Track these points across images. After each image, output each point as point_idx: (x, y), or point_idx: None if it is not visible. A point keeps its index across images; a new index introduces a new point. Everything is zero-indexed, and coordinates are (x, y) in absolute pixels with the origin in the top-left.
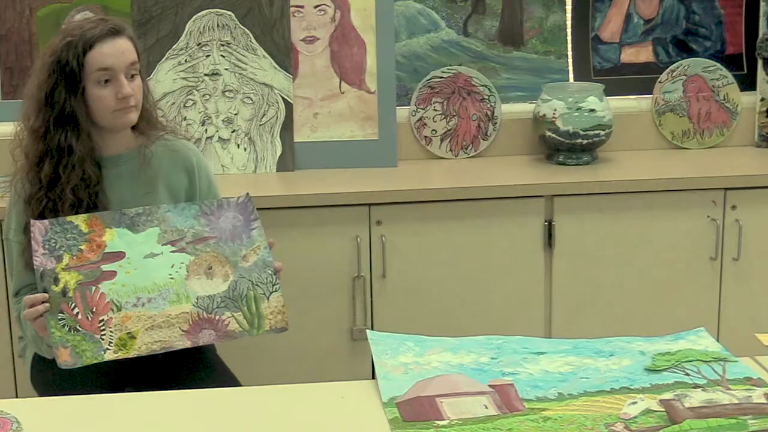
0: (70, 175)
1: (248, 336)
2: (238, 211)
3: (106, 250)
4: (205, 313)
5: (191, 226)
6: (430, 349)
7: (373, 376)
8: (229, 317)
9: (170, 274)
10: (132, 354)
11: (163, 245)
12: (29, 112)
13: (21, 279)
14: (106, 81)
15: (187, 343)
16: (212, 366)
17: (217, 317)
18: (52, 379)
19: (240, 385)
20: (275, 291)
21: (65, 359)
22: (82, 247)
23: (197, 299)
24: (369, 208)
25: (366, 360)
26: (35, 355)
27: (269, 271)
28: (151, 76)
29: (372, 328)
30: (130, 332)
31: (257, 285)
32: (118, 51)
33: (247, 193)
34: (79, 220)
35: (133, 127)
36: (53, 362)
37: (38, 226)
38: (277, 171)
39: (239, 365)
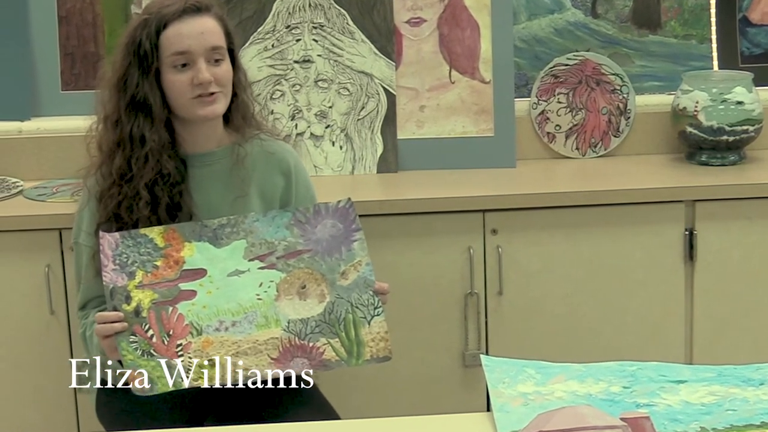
0: (143, 168)
1: (346, 366)
2: (338, 219)
3: (185, 267)
4: (297, 339)
5: (283, 238)
6: (554, 377)
7: (488, 408)
8: (325, 344)
9: (258, 294)
10: (213, 383)
11: (250, 261)
12: (105, 100)
13: (90, 289)
14: (184, 65)
15: (276, 373)
16: (307, 395)
17: (311, 344)
18: (121, 411)
19: (338, 418)
20: (377, 315)
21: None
22: (158, 263)
23: (288, 323)
24: (483, 214)
25: (480, 389)
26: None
27: (371, 292)
28: None
29: (487, 353)
30: (211, 359)
31: (357, 307)
32: (196, 31)
33: (349, 198)
34: (155, 233)
35: (227, 122)
36: (123, 392)
37: (108, 239)
38: (377, 172)
39: (336, 394)
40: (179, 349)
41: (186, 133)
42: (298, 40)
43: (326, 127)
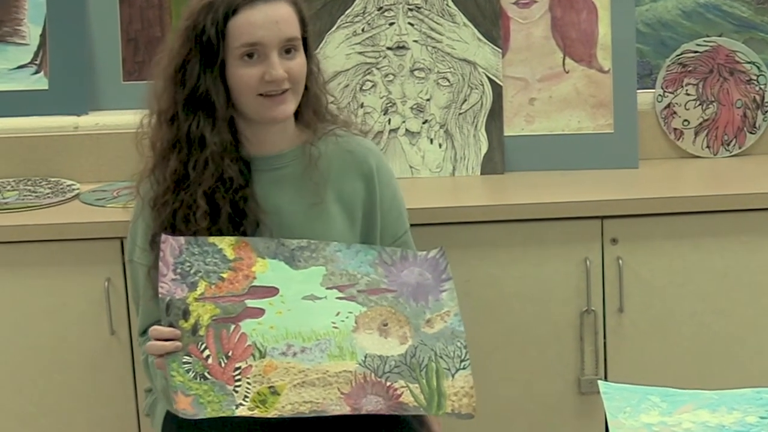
0: (202, 174)
1: (424, 413)
2: (427, 268)
3: (255, 283)
4: (373, 375)
5: (366, 273)
6: (682, 406)
7: None
8: (404, 387)
9: (333, 323)
10: (272, 413)
11: (327, 289)
12: (159, 92)
13: (150, 313)
14: (250, 55)
15: (345, 409)
16: (401, 427)
17: (388, 383)
18: None
19: None
20: (463, 368)
21: (185, 407)
22: (224, 275)
23: (365, 357)
24: (602, 221)
25: (598, 419)
26: (167, 414)
27: (458, 344)
28: (318, 50)
29: (605, 379)
30: (272, 386)
31: (441, 357)
32: (270, 20)
33: (441, 248)
34: (224, 244)
35: (297, 118)
36: (190, 423)
37: (171, 244)
38: (481, 174)
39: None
40: (237, 372)
41: (251, 133)
42: (391, 24)
43: (423, 123)
